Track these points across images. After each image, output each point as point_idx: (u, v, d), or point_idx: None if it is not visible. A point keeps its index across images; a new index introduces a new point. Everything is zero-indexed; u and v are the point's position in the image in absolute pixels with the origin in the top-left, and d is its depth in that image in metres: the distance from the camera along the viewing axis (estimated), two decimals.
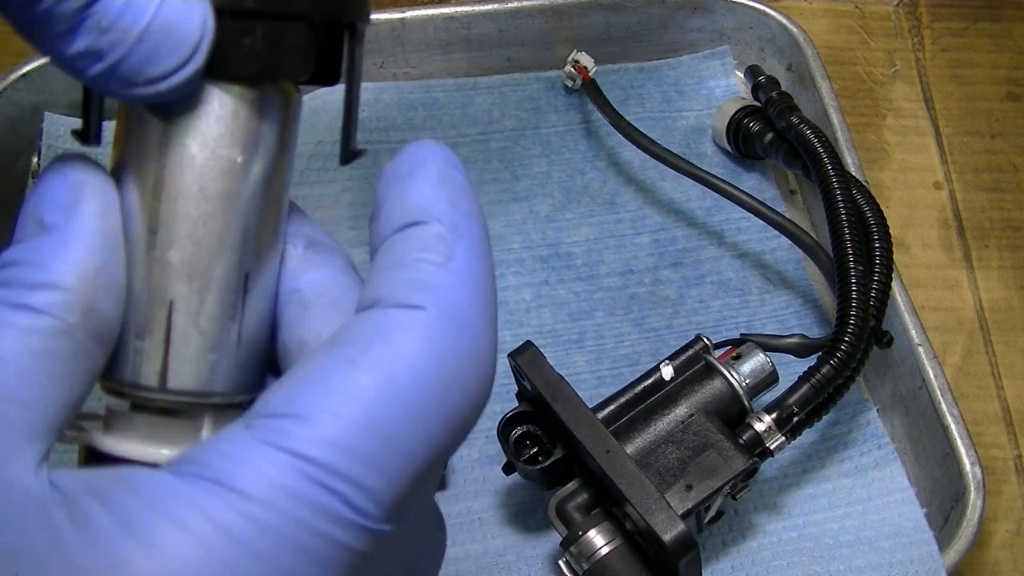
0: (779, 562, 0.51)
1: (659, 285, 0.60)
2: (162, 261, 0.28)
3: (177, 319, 0.28)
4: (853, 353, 0.49)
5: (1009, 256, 0.64)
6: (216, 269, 0.28)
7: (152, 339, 0.28)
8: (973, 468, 0.51)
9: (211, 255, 0.28)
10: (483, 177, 0.63)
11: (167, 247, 0.28)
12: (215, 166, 0.28)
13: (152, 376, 0.28)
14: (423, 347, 0.25)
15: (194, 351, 0.28)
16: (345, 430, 0.23)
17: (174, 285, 0.28)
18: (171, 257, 0.27)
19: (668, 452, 0.47)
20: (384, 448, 0.24)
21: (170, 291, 0.28)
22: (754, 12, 0.67)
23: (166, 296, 0.28)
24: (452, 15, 0.65)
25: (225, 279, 0.28)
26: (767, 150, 0.61)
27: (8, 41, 0.68)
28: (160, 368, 0.28)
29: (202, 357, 0.28)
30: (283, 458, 0.23)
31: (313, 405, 0.24)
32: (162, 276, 0.28)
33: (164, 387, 0.28)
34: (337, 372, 0.24)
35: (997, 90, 0.71)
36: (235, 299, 0.28)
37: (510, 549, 0.51)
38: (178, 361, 0.28)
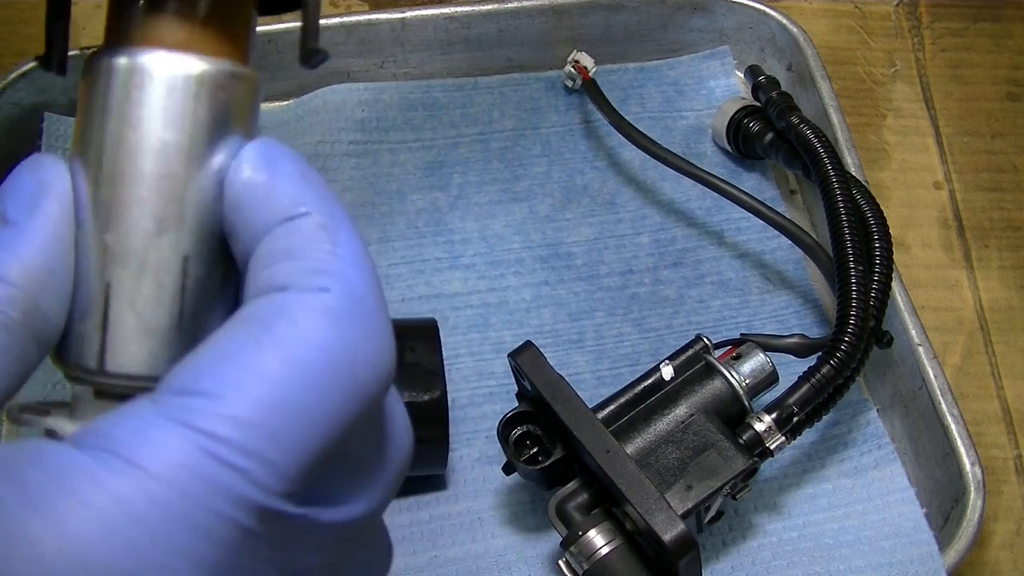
0: (779, 562, 0.51)
1: (659, 285, 0.60)
2: (100, 244, 0.28)
3: (114, 302, 0.28)
4: (853, 353, 0.49)
5: (1009, 256, 0.64)
6: (151, 252, 0.28)
7: (91, 321, 0.28)
8: (973, 468, 0.51)
9: (145, 238, 0.28)
10: (483, 177, 0.63)
11: (104, 229, 0.28)
12: (148, 147, 0.28)
13: (92, 358, 0.28)
14: (330, 327, 0.25)
15: (130, 334, 0.28)
16: (250, 406, 0.24)
17: (111, 268, 0.28)
18: (108, 240, 0.28)
19: (668, 452, 0.47)
20: (289, 424, 0.24)
21: (107, 274, 0.28)
22: (754, 12, 0.67)
23: (104, 279, 0.28)
24: (452, 15, 0.65)
25: (161, 263, 0.28)
26: (767, 150, 0.61)
27: (8, 41, 0.68)
28: (98, 350, 0.28)
29: (139, 340, 0.28)
30: (187, 435, 0.23)
31: (219, 382, 0.24)
32: (100, 259, 0.28)
33: (103, 369, 0.28)
34: (244, 350, 0.25)
35: (997, 90, 0.71)
36: (173, 283, 0.28)
37: (510, 549, 0.51)
38: (115, 344, 0.28)
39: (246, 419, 0.24)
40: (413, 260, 0.60)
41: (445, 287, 0.59)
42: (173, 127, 0.28)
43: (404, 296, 0.59)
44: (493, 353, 0.57)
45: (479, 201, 0.62)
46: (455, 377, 0.56)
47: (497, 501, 0.53)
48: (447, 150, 0.64)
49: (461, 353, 0.57)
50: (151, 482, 0.23)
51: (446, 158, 0.64)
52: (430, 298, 0.59)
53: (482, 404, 0.56)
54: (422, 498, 0.53)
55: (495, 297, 0.59)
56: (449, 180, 0.63)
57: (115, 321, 0.28)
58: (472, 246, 0.61)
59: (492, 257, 0.61)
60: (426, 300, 0.59)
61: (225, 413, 0.24)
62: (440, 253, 0.60)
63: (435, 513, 0.52)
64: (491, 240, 0.61)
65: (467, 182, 0.63)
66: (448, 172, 0.63)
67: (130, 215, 0.27)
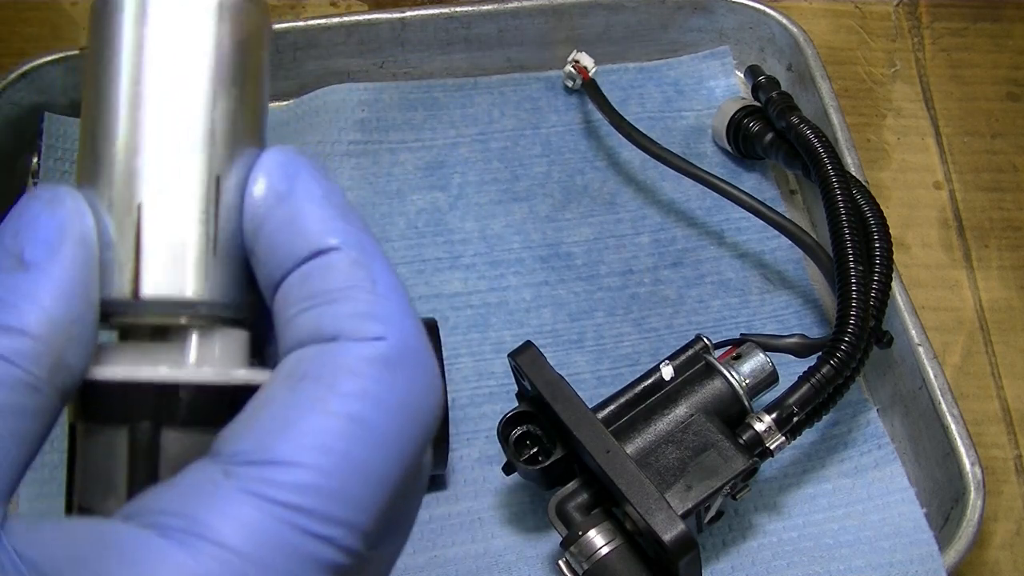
0: (779, 562, 0.51)
1: (659, 285, 0.60)
2: (129, 168, 0.27)
3: (146, 225, 0.27)
4: (853, 353, 0.49)
5: (1009, 256, 0.64)
6: (183, 172, 0.27)
7: (123, 248, 0.27)
8: (973, 468, 0.51)
9: (176, 157, 0.27)
10: (483, 177, 0.63)
11: (133, 154, 0.27)
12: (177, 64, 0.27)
13: (125, 287, 0.27)
14: (392, 380, 0.25)
15: (165, 256, 0.27)
16: (326, 473, 0.23)
17: (141, 190, 0.27)
18: (137, 164, 0.27)
19: (668, 452, 0.47)
20: (363, 482, 0.24)
21: (139, 194, 0.27)
22: (754, 12, 0.67)
23: (133, 202, 0.27)
24: (452, 15, 0.65)
25: (193, 182, 0.27)
26: (767, 150, 0.61)
27: (8, 41, 0.68)
28: (132, 277, 0.27)
29: (174, 262, 0.27)
30: (268, 508, 0.23)
31: (291, 449, 0.23)
32: (129, 182, 0.27)
33: (137, 296, 0.27)
34: (310, 413, 0.24)
35: (997, 90, 0.71)
36: (205, 203, 0.28)
37: (510, 549, 0.51)
38: (149, 268, 0.27)
39: (324, 486, 0.23)
40: (413, 260, 0.60)
41: (445, 287, 0.59)
42: (202, 50, 0.28)
43: None
44: (493, 353, 0.57)
45: (479, 201, 0.62)
46: (455, 377, 0.56)
47: (497, 501, 0.53)
48: (447, 150, 0.64)
49: (461, 353, 0.57)
50: (238, 560, 0.22)
51: (446, 158, 0.64)
52: (430, 298, 0.59)
53: (482, 404, 0.56)
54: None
55: (495, 297, 0.59)
56: (449, 180, 0.63)
57: (148, 245, 0.27)
58: (472, 246, 0.61)
59: (492, 257, 0.61)
60: (426, 300, 0.59)
61: (303, 482, 0.23)
62: (440, 253, 0.60)
63: (435, 513, 0.52)
64: (491, 240, 0.61)
65: (467, 182, 0.63)
66: (448, 172, 0.63)
67: (162, 136, 0.27)
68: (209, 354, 0.28)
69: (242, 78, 0.28)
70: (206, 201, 0.28)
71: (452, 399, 0.54)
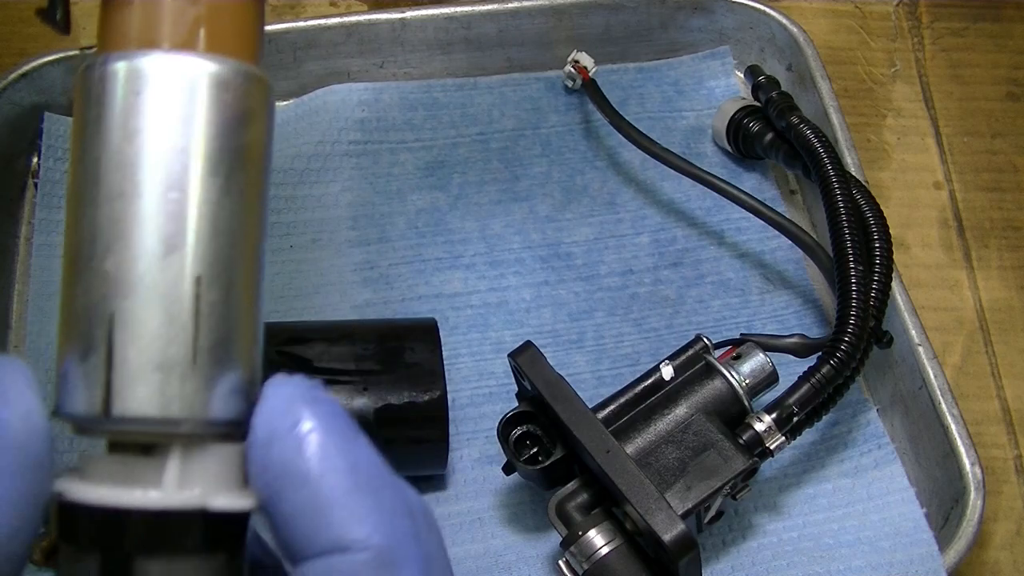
0: (779, 562, 0.51)
1: (659, 285, 0.60)
2: (100, 272, 0.25)
3: (118, 335, 0.25)
4: (853, 353, 0.49)
5: (1009, 256, 0.64)
6: (156, 274, 0.25)
7: (94, 360, 0.25)
8: (973, 468, 0.51)
9: (150, 260, 0.25)
10: (483, 177, 0.63)
11: (105, 255, 0.25)
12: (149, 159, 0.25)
13: (97, 403, 0.25)
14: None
15: (139, 370, 0.25)
16: None
17: (113, 297, 0.25)
18: (108, 266, 0.25)
19: (668, 452, 0.47)
20: None
21: (110, 304, 0.25)
22: (754, 12, 0.67)
23: (106, 310, 0.25)
24: (452, 15, 0.65)
25: (169, 285, 0.25)
26: (767, 150, 0.61)
27: (8, 41, 0.68)
28: (103, 392, 0.25)
29: (150, 377, 0.25)
30: None
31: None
32: (101, 288, 0.25)
33: (108, 413, 0.25)
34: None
35: (997, 90, 0.71)
36: (183, 308, 0.25)
37: (510, 549, 0.51)
38: (122, 383, 0.25)
39: None
40: (413, 260, 0.60)
41: (445, 287, 0.59)
42: (176, 135, 0.25)
43: (404, 296, 0.59)
44: (493, 353, 0.57)
45: (479, 201, 0.62)
46: (455, 377, 0.56)
47: (497, 501, 0.53)
48: (447, 150, 0.64)
49: (461, 353, 0.57)
50: None
51: (446, 158, 0.64)
52: (430, 298, 0.59)
53: (482, 404, 0.56)
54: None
55: (495, 297, 0.59)
56: (449, 180, 0.63)
57: (121, 357, 0.25)
58: (472, 246, 0.61)
59: (492, 257, 0.61)
60: (426, 300, 0.59)
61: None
62: (440, 253, 0.60)
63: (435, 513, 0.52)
64: (491, 240, 0.61)
65: (467, 182, 0.63)
66: (448, 172, 0.63)
67: (132, 236, 0.25)
68: (192, 475, 0.25)
69: (227, 166, 0.25)
70: (184, 307, 0.25)
71: (452, 399, 0.54)
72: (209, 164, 0.25)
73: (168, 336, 0.25)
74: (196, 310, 0.25)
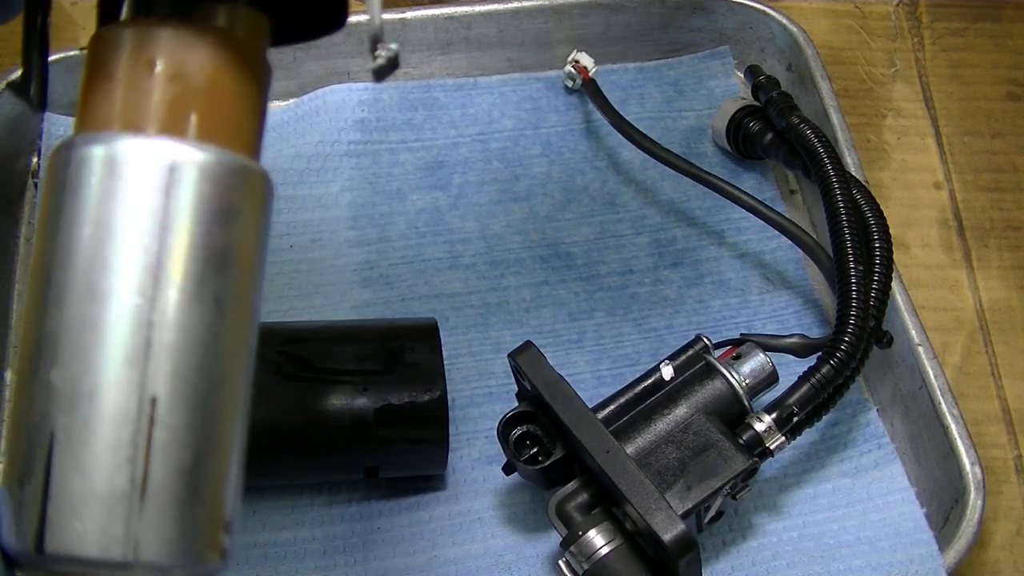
0: (779, 562, 0.51)
1: (659, 285, 0.60)
2: (45, 383, 0.21)
3: (57, 460, 0.21)
4: (853, 353, 0.49)
5: (1009, 256, 0.64)
6: (105, 391, 0.21)
7: (31, 487, 0.21)
8: (973, 468, 0.51)
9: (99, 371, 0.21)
10: (483, 177, 0.63)
11: (50, 365, 0.21)
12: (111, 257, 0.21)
13: (29, 537, 0.21)
14: None
15: (77, 501, 0.21)
16: None
17: (55, 414, 0.21)
18: (53, 377, 0.21)
19: (668, 452, 0.47)
20: None
21: (51, 422, 0.21)
22: (754, 12, 0.67)
23: (46, 428, 0.21)
24: (452, 15, 0.65)
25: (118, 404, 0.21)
26: (767, 150, 0.61)
27: (8, 41, 0.68)
28: (36, 526, 0.21)
29: (88, 510, 0.21)
30: None
31: None
32: (44, 402, 0.21)
33: (41, 550, 0.21)
34: None
35: (997, 90, 0.71)
36: (134, 432, 0.21)
37: (510, 549, 0.51)
38: (58, 515, 0.21)
39: None
40: (413, 260, 0.60)
41: (445, 287, 0.59)
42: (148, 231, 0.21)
43: (404, 296, 0.59)
44: (493, 353, 0.57)
45: (479, 201, 0.62)
46: (455, 377, 0.56)
47: (497, 501, 0.53)
48: (447, 150, 0.64)
49: (461, 353, 0.57)
50: None
51: (446, 158, 0.64)
52: (430, 298, 0.59)
53: (482, 404, 0.56)
54: (422, 498, 0.53)
55: (495, 297, 0.59)
56: (449, 180, 0.63)
57: (59, 486, 0.21)
58: (472, 246, 0.61)
59: (492, 257, 0.61)
60: (426, 300, 0.59)
61: None
62: (440, 253, 0.60)
63: (435, 513, 0.52)
64: (491, 240, 0.61)
65: (467, 182, 0.63)
66: (448, 172, 0.63)
67: (85, 345, 0.21)
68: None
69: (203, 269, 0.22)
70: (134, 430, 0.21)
71: (452, 399, 0.54)
72: (183, 265, 0.21)
73: (115, 463, 0.21)
74: (149, 435, 0.21)
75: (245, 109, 0.23)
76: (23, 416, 0.21)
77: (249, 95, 0.23)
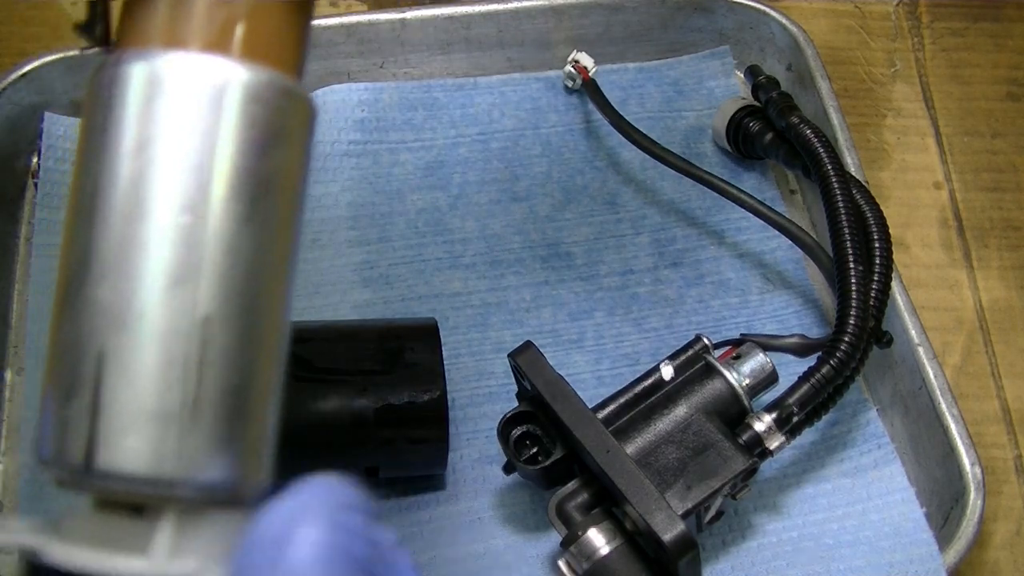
0: (779, 562, 0.51)
1: (659, 285, 0.60)
2: (92, 300, 0.21)
3: (108, 376, 0.21)
4: (853, 353, 0.49)
5: (1009, 256, 0.64)
6: (158, 309, 0.21)
7: (78, 403, 0.21)
8: (973, 468, 0.51)
9: (149, 290, 0.21)
10: (483, 177, 0.63)
11: (97, 282, 0.21)
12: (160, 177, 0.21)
13: (77, 452, 0.21)
14: None
15: (128, 419, 0.21)
16: None
17: (105, 331, 0.21)
18: (100, 295, 0.21)
19: (668, 452, 0.47)
20: None
21: (100, 339, 0.21)
22: (754, 12, 0.67)
23: (95, 345, 0.21)
24: (452, 15, 0.65)
25: (172, 323, 0.21)
26: (767, 150, 0.61)
27: (8, 41, 0.68)
28: (86, 442, 0.21)
29: (136, 427, 0.21)
30: None
31: None
32: (92, 319, 0.21)
33: (91, 467, 0.21)
34: None
35: (997, 90, 0.71)
36: (187, 351, 0.21)
37: (510, 549, 0.51)
38: (108, 433, 0.21)
39: None
40: (413, 260, 0.60)
41: (445, 287, 0.59)
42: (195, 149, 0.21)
43: (404, 296, 0.59)
44: (493, 353, 0.57)
45: (479, 201, 0.62)
46: (455, 377, 0.56)
47: (497, 501, 0.53)
48: (447, 150, 0.64)
49: (461, 353, 0.57)
50: None
51: (446, 158, 0.64)
52: (430, 298, 0.59)
53: (482, 404, 0.56)
54: (422, 498, 0.53)
55: (495, 297, 0.59)
56: (449, 180, 0.63)
57: (109, 402, 0.21)
58: (472, 246, 0.61)
59: (492, 257, 0.61)
60: (426, 300, 0.59)
61: None
62: (440, 253, 0.60)
63: (435, 513, 0.52)
64: (491, 240, 0.61)
65: (467, 182, 0.63)
66: (448, 172, 0.63)
67: (135, 262, 0.21)
68: (187, 544, 0.22)
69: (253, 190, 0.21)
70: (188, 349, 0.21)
71: (452, 399, 0.54)
72: (232, 187, 0.21)
73: (167, 382, 0.21)
74: (201, 355, 0.21)
75: (291, 30, 0.23)
76: (68, 333, 0.21)
77: (295, 15, 0.23)
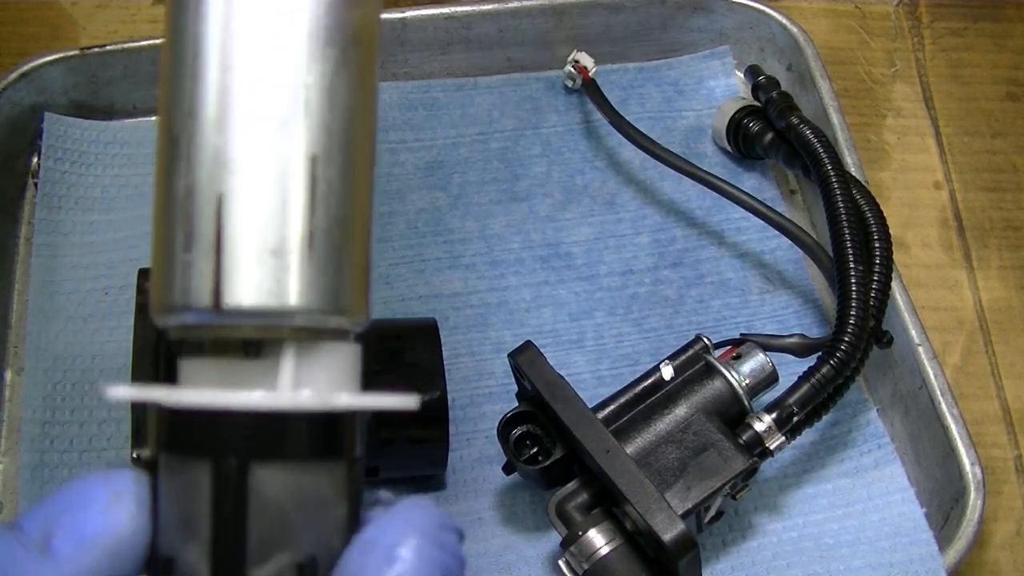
0: (779, 562, 0.51)
1: (659, 285, 0.60)
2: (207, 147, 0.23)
3: (228, 218, 0.22)
4: (853, 353, 0.49)
5: (1009, 256, 0.64)
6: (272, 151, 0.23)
7: (200, 247, 0.22)
8: (973, 468, 0.51)
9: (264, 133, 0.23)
10: (483, 177, 0.63)
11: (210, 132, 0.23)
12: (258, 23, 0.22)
13: (205, 295, 0.22)
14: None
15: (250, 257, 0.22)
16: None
17: (222, 175, 0.22)
18: (218, 141, 0.22)
19: (668, 452, 0.47)
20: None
21: (218, 183, 0.22)
22: (754, 12, 0.67)
23: (214, 190, 0.22)
24: (452, 15, 0.65)
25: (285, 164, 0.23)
26: (767, 150, 0.61)
27: (8, 41, 0.68)
28: (212, 284, 0.22)
29: (260, 263, 0.22)
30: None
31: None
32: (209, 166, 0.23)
33: (218, 306, 0.23)
34: None
35: (997, 90, 0.71)
36: (301, 188, 0.23)
37: (510, 549, 0.51)
38: (232, 272, 0.22)
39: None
40: (413, 260, 0.60)
41: (445, 287, 0.59)
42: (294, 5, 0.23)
43: (404, 296, 0.59)
44: (493, 353, 0.57)
45: (479, 201, 0.62)
46: (455, 377, 0.56)
47: (497, 501, 0.53)
48: (447, 150, 0.64)
49: (461, 353, 0.57)
50: None
51: (446, 158, 0.64)
52: (430, 298, 0.59)
53: (482, 404, 0.56)
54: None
55: (495, 297, 0.59)
56: (449, 180, 0.63)
57: (232, 243, 0.22)
58: (472, 246, 0.61)
59: (492, 257, 0.61)
60: (426, 300, 0.59)
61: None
62: (440, 253, 0.60)
63: None
64: (491, 240, 0.61)
65: (467, 182, 0.63)
66: (448, 172, 0.63)
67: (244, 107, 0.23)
68: (309, 374, 0.24)
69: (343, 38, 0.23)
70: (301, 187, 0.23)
71: (452, 399, 0.54)
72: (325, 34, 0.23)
73: (283, 218, 0.23)
74: (312, 190, 0.23)
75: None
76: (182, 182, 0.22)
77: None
